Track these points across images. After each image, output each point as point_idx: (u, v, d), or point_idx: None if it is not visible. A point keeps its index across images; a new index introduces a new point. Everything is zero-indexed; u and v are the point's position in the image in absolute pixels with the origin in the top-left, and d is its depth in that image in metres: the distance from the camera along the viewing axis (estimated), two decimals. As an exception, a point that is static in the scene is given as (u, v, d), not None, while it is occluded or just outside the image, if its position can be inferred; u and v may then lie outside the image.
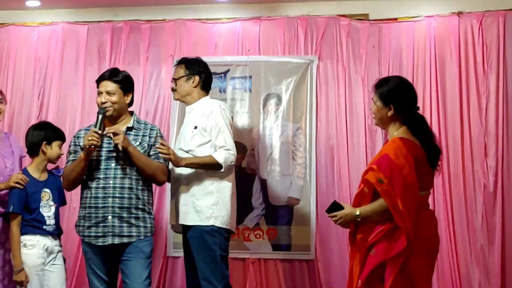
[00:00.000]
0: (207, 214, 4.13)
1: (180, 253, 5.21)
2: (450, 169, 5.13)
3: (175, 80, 4.32)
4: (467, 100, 5.19)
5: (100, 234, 3.96)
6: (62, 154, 4.32)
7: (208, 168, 4.10)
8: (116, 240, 3.94)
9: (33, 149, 4.28)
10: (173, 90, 4.35)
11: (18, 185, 4.14)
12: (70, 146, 4.14)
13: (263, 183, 5.33)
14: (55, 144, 4.28)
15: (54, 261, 4.26)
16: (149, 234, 4.01)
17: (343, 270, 5.05)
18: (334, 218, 3.71)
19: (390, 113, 3.72)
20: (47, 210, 4.24)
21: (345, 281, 4.12)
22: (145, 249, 4.00)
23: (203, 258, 4.13)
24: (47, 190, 4.27)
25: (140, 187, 4.00)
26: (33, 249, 4.16)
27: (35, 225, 4.18)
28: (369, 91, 4.51)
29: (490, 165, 5.10)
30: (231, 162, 4.13)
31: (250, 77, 5.41)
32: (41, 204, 4.22)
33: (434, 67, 5.24)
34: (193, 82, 4.29)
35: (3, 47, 5.61)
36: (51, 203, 4.27)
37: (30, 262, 4.15)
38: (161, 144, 3.99)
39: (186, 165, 4.08)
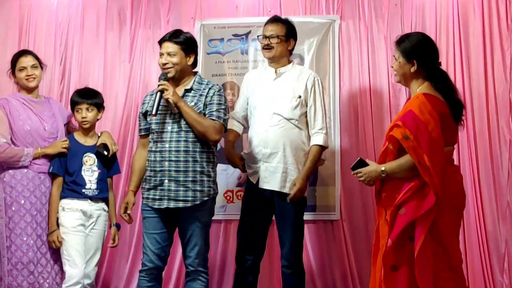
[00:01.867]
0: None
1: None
2: (475, 126, 5.09)
3: (273, 37, 4.29)
4: (491, 57, 5.14)
5: (157, 197, 3.99)
6: (100, 118, 4.45)
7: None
8: (172, 204, 3.95)
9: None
10: (269, 46, 4.30)
11: (64, 150, 4.26)
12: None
13: (287, 144, 5.31)
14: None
15: (94, 225, 4.32)
16: (205, 198, 3.98)
17: (369, 230, 5.08)
18: (359, 175, 3.71)
19: (413, 69, 3.71)
20: (90, 174, 4.30)
21: (370, 241, 4.19)
22: (202, 218, 4.02)
23: (292, 226, 4.28)
24: (91, 155, 4.34)
25: (197, 149, 3.97)
26: (70, 211, 4.24)
27: (74, 188, 4.25)
28: (392, 49, 4.48)
29: (515, 121, 5.06)
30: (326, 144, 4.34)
31: (273, 37, 5.37)
32: (83, 168, 4.29)
33: (457, 24, 5.18)
34: (289, 45, 4.34)
35: (23, 14, 5.58)
36: (95, 168, 4.33)
37: (67, 223, 4.23)
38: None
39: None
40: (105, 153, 4.28)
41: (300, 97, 4.26)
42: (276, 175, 4.24)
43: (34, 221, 4.29)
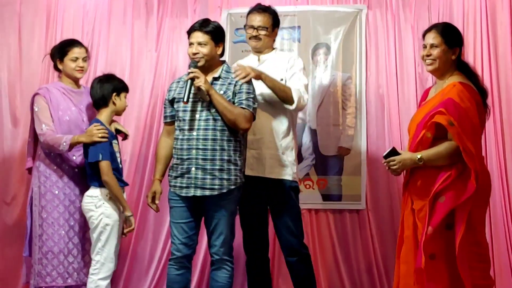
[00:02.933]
0: (294, 169, 4.30)
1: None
2: (503, 116, 5.06)
3: (262, 28, 4.33)
4: (519, 47, 5.11)
5: (184, 185, 3.98)
6: (127, 106, 4.38)
7: (282, 97, 4.14)
8: (198, 192, 3.94)
9: (103, 101, 4.27)
10: (257, 38, 4.34)
11: (103, 139, 4.14)
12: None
13: (313, 133, 5.32)
14: (122, 95, 4.32)
15: (121, 215, 4.28)
16: (232, 187, 3.97)
17: (394, 220, 5.06)
18: (392, 163, 3.69)
19: (454, 57, 3.74)
20: (119, 162, 4.29)
21: (395, 231, 4.19)
22: (228, 207, 4.01)
23: (289, 213, 4.26)
24: (116, 141, 4.30)
25: (225, 138, 3.96)
26: (114, 202, 4.19)
27: (117, 176, 4.19)
28: (419, 38, 4.47)
29: (542, 111, 5.03)
30: (303, 102, 4.24)
31: (299, 27, 5.38)
32: (116, 155, 4.27)
33: (484, 14, 5.14)
34: (275, 34, 4.42)
35: (51, 2, 5.57)
36: (118, 155, 4.30)
37: (114, 216, 4.19)
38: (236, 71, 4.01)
39: (264, 80, 4.09)
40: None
41: (282, 80, 4.26)
42: (262, 161, 4.25)
43: (67, 212, 4.33)
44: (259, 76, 4.05)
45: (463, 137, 3.51)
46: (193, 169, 3.95)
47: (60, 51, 4.46)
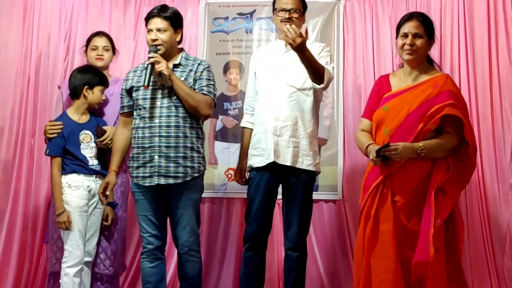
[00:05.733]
0: (317, 160, 4.24)
1: (207, 194, 5.27)
2: (479, 107, 5.08)
3: (294, 10, 4.22)
4: (496, 39, 5.12)
5: (147, 175, 3.93)
6: (104, 100, 4.35)
7: (314, 72, 3.99)
8: (162, 181, 3.90)
9: (75, 92, 4.30)
10: (290, 20, 4.17)
11: (53, 136, 4.21)
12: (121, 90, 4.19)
13: (290, 123, 5.30)
14: (97, 89, 4.30)
15: (97, 204, 4.27)
16: (196, 174, 3.95)
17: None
18: (394, 152, 3.51)
19: (429, 49, 3.75)
20: (89, 151, 4.27)
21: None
22: (193, 195, 3.98)
23: (304, 206, 4.16)
24: (87, 132, 4.29)
25: (188, 125, 3.94)
26: (77, 190, 4.19)
27: (80, 164, 4.21)
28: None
29: (518, 104, 5.05)
30: (329, 82, 4.16)
31: (277, 17, 5.36)
32: (81, 146, 4.24)
33: (462, 6, 5.17)
34: (303, 19, 4.32)
35: (28, -11, 5.56)
36: (93, 144, 4.28)
37: (74, 203, 4.18)
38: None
39: (305, 51, 3.89)
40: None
41: None
42: (288, 149, 4.09)
43: None
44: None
45: (470, 132, 3.55)
46: (156, 157, 3.91)
47: (86, 42, 4.65)
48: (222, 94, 5.38)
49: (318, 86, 4.06)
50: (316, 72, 3.98)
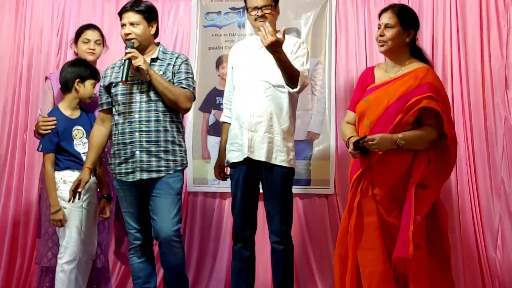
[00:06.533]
0: (291, 156, 4.22)
1: (200, 189, 5.27)
2: (471, 102, 5.08)
3: (265, 7, 4.17)
4: (488, 33, 5.12)
5: (129, 170, 3.93)
6: (96, 94, 4.30)
7: (289, 76, 3.99)
8: (145, 175, 3.90)
9: (66, 86, 4.27)
10: (264, 17, 4.16)
11: (46, 132, 4.17)
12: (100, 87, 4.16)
13: (283, 118, 5.30)
14: (88, 82, 4.27)
15: (91, 199, 4.25)
16: (178, 168, 3.96)
17: (362, 205, 5.06)
18: (371, 142, 3.51)
19: (408, 39, 3.72)
20: (82, 147, 4.25)
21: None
22: (174, 185, 3.95)
23: (283, 200, 4.18)
24: (79, 127, 4.26)
25: (168, 119, 3.94)
26: (71, 185, 4.12)
27: (74, 160, 4.19)
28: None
29: (510, 98, 5.04)
30: (305, 85, 4.14)
31: (269, 12, 5.36)
32: (74, 142, 4.22)
33: (454, 1, 5.16)
34: (278, 11, 4.29)
35: (20, -17, 5.55)
36: (85, 140, 4.25)
37: (68, 198, 4.11)
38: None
39: (280, 53, 3.91)
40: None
41: None
42: (262, 145, 4.11)
43: None
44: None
45: (449, 125, 3.53)
46: (137, 152, 3.91)
47: (76, 34, 4.57)
48: (215, 88, 5.38)
49: (291, 90, 4.07)
50: (290, 76, 4.00)
